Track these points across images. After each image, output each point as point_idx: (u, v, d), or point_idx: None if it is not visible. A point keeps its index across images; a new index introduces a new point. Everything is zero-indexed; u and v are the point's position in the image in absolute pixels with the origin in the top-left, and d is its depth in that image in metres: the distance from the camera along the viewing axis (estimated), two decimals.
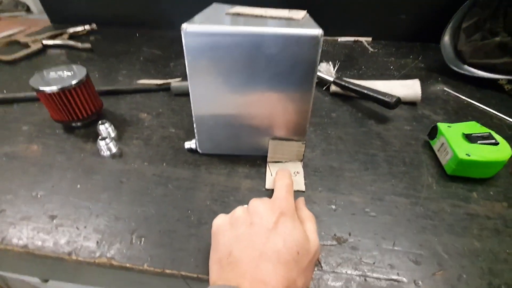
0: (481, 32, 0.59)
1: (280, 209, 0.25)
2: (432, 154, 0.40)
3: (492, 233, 0.31)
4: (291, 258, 0.22)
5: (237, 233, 0.24)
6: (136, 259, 0.28)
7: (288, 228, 0.24)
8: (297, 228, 0.24)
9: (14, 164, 0.38)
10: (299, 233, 0.24)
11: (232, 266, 0.22)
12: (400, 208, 0.33)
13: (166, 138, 0.43)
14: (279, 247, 0.22)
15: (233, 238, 0.24)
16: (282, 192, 0.28)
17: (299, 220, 0.26)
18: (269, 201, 0.27)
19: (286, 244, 0.22)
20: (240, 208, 0.27)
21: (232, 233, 0.24)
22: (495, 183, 0.36)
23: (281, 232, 0.23)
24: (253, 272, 0.21)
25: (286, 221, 0.24)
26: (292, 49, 0.30)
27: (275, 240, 0.23)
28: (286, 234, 0.23)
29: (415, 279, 0.26)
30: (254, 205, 0.26)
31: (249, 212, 0.26)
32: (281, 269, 0.21)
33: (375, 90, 0.48)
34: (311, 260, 0.24)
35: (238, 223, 0.25)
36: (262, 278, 0.20)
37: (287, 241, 0.23)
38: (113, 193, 0.34)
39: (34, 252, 0.28)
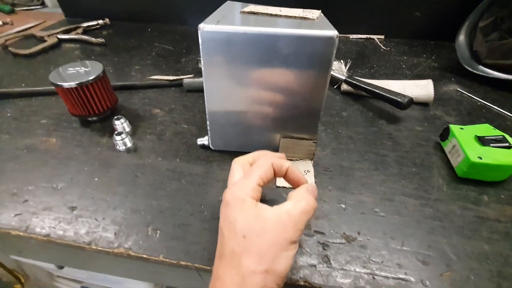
0: (498, 32, 0.58)
1: (224, 201, 0.24)
2: (443, 156, 0.40)
3: (503, 236, 0.31)
4: (236, 244, 0.22)
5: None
6: (152, 250, 0.29)
7: (228, 216, 0.23)
8: (240, 214, 0.23)
9: (34, 156, 0.40)
10: (242, 217, 0.22)
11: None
12: (410, 209, 0.33)
13: (179, 134, 0.44)
14: (223, 239, 0.23)
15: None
16: (234, 176, 0.27)
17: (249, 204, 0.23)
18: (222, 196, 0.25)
19: (230, 233, 0.22)
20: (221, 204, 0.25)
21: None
22: (507, 187, 0.36)
23: (222, 224, 0.24)
24: (213, 271, 0.23)
25: (226, 211, 0.24)
26: (307, 50, 0.30)
27: (220, 234, 0.24)
28: (227, 224, 0.23)
29: (422, 279, 0.27)
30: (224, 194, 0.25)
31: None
32: (227, 260, 0.22)
33: (387, 90, 0.48)
34: (273, 240, 0.22)
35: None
36: (215, 273, 0.23)
37: (230, 230, 0.22)
38: (129, 186, 0.35)
39: (56, 241, 0.30)
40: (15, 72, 0.60)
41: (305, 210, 0.23)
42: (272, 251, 0.21)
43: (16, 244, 0.35)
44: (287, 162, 0.27)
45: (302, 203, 0.23)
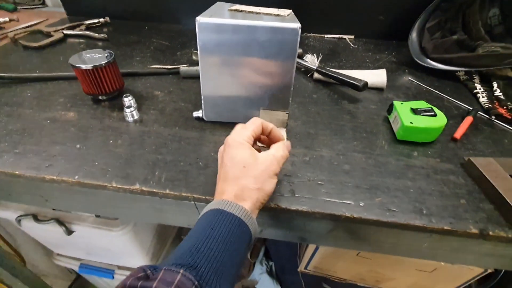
0: (441, 31, 0.70)
1: (227, 143, 0.33)
2: (388, 126, 0.51)
3: (423, 177, 0.41)
4: (238, 171, 0.31)
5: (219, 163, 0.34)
6: (160, 187, 0.38)
7: (231, 154, 0.32)
8: (240, 152, 0.32)
9: (57, 125, 0.48)
10: (241, 154, 0.32)
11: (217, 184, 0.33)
12: (357, 160, 0.43)
13: (177, 109, 0.53)
14: (226, 169, 0.32)
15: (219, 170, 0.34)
16: (236, 128, 0.35)
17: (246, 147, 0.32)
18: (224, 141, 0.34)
19: (233, 165, 0.31)
20: (221, 148, 0.35)
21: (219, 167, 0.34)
22: (434, 146, 0.47)
23: (226, 159, 0.32)
24: (219, 188, 0.32)
25: (229, 150, 0.32)
26: (278, 38, 0.40)
27: (223, 165, 0.32)
28: (230, 159, 0.32)
29: (359, 202, 0.37)
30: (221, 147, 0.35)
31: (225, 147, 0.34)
32: (230, 182, 0.31)
33: (348, 76, 0.58)
34: (264, 169, 0.31)
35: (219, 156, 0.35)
36: (220, 190, 0.31)
37: (231, 163, 0.32)
38: (138, 146, 0.44)
39: (84, 182, 0.38)
40: (28, 62, 0.68)
41: (283, 155, 0.34)
42: (264, 176, 0.31)
43: (45, 191, 0.42)
44: (271, 124, 0.37)
45: (280, 151, 0.34)
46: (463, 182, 0.41)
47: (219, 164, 0.34)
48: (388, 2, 0.82)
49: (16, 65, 0.66)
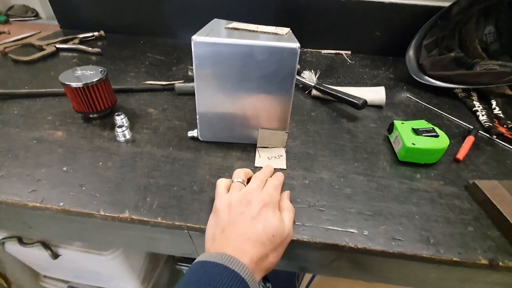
0: (438, 49, 0.70)
1: (264, 201, 0.32)
2: (389, 146, 0.50)
3: (428, 202, 0.40)
4: (267, 239, 0.30)
5: (231, 217, 0.31)
6: (152, 215, 0.35)
7: (268, 216, 0.31)
8: (276, 216, 0.31)
9: (44, 146, 0.46)
10: (276, 220, 0.31)
11: (222, 240, 0.30)
12: (359, 183, 0.42)
13: (172, 128, 0.51)
14: (259, 230, 0.30)
15: (227, 220, 0.31)
16: (270, 188, 0.35)
17: (281, 209, 0.33)
18: (258, 192, 0.33)
19: (265, 229, 0.30)
20: (236, 194, 0.33)
21: (228, 217, 0.31)
22: (437, 167, 0.46)
23: (262, 219, 0.31)
24: (237, 246, 0.29)
25: (268, 210, 0.32)
26: (276, 57, 0.39)
27: (257, 225, 0.30)
28: (265, 220, 0.31)
29: (363, 230, 0.35)
30: (249, 192, 0.33)
31: (244, 198, 0.33)
32: (257, 246, 0.29)
33: (347, 94, 0.57)
34: (283, 241, 0.31)
35: (233, 209, 0.32)
36: (243, 249, 0.29)
37: (265, 226, 0.30)
38: (130, 168, 0.42)
39: (69, 209, 0.36)
40: (17, 77, 0.66)
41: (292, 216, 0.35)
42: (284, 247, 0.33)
43: (28, 218, 0.40)
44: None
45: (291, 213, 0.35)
46: (468, 207, 0.39)
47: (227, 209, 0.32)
48: (385, 18, 0.82)
49: (5, 80, 0.64)
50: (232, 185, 0.35)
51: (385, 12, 0.81)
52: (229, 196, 0.33)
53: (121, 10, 0.92)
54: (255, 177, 0.36)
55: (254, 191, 0.33)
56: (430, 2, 0.79)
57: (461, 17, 0.67)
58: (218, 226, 0.31)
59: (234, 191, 0.34)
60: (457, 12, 0.66)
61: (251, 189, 0.34)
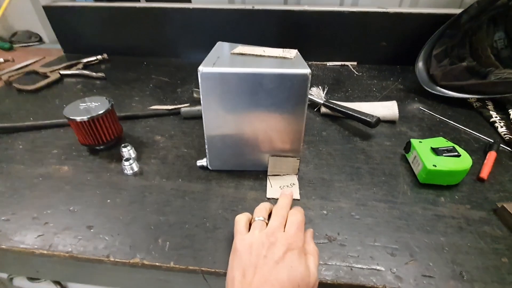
0: (449, 58, 0.68)
1: (289, 245, 0.29)
2: (407, 166, 0.48)
3: (456, 230, 0.37)
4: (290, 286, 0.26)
5: (252, 260, 0.28)
6: (164, 259, 0.34)
7: (294, 262, 0.28)
8: (301, 263, 0.28)
9: (50, 183, 0.44)
10: (302, 267, 0.28)
11: (242, 285, 0.27)
12: (380, 211, 0.39)
13: (180, 157, 0.50)
14: (283, 279, 0.27)
15: (248, 263, 0.28)
16: (293, 228, 0.31)
17: (305, 253, 0.30)
18: (281, 233, 0.30)
19: (290, 277, 0.27)
20: (258, 234, 0.30)
21: (249, 259, 0.28)
22: (460, 189, 0.43)
23: (286, 265, 0.27)
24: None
25: (293, 255, 0.28)
26: (287, 85, 0.38)
27: (281, 271, 0.27)
28: (291, 268, 0.27)
29: (391, 268, 0.32)
30: (269, 234, 0.30)
31: (266, 240, 0.30)
32: None
33: (359, 111, 0.55)
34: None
35: (256, 250, 0.29)
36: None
37: (290, 274, 0.27)
38: (139, 205, 0.40)
39: (77, 256, 0.34)
40: (21, 107, 0.65)
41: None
42: None
43: (36, 263, 0.38)
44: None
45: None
46: (500, 234, 0.37)
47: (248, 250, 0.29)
48: (390, 27, 0.81)
49: (9, 111, 0.63)
50: (254, 224, 0.32)
51: (390, 22, 0.80)
52: (251, 236, 0.31)
53: (123, 32, 0.92)
54: (275, 214, 0.33)
55: (277, 231, 0.30)
56: (435, 11, 0.78)
57: (470, 26, 0.65)
58: (239, 269, 0.29)
59: (256, 230, 0.31)
60: (467, 21, 0.64)
61: (274, 228, 0.31)
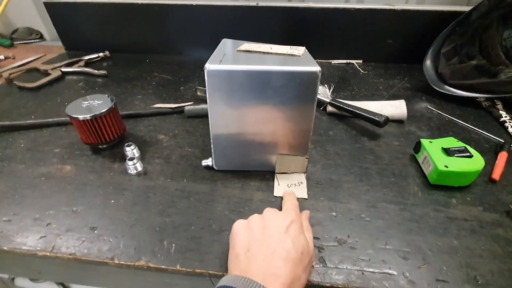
0: (459, 57, 0.67)
1: (291, 218, 0.31)
2: (417, 166, 0.46)
3: (469, 232, 0.36)
4: (297, 257, 0.27)
5: (254, 234, 0.29)
6: (170, 262, 0.33)
7: (297, 232, 0.29)
8: (303, 234, 0.30)
9: (52, 183, 0.43)
10: (303, 237, 0.29)
11: (248, 260, 0.27)
12: (391, 213, 0.38)
13: (184, 156, 0.49)
14: (289, 247, 0.27)
15: (250, 237, 0.29)
16: (291, 206, 0.34)
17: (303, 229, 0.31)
18: (280, 212, 0.32)
19: (294, 245, 0.28)
20: (256, 215, 0.32)
21: (250, 234, 0.29)
22: (472, 190, 0.42)
23: (291, 234, 0.29)
24: (267, 267, 0.26)
25: (296, 227, 0.30)
26: (295, 82, 0.36)
27: (286, 240, 0.28)
28: (295, 237, 0.29)
29: (403, 272, 0.31)
30: (269, 213, 0.32)
31: (264, 218, 0.31)
32: (289, 265, 0.26)
33: (367, 111, 0.54)
34: (310, 260, 0.29)
35: (255, 227, 0.30)
36: (274, 272, 0.26)
37: (295, 242, 0.28)
38: (143, 206, 0.39)
39: (81, 258, 0.33)
40: (23, 105, 0.64)
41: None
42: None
43: (38, 265, 0.37)
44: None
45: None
46: None
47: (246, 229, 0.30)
48: (397, 25, 0.79)
49: (10, 109, 0.62)
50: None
51: (397, 19, 0.78)
52: (247, 220, 0.32)
53: (125, 29, 0.90)
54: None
55: (275, 212, 0.32)
56: (442, 8, 0.76)
57: (480, 23, 0.64)
58: (241, 246, 0.29)
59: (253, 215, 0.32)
60: (477, 18, 0.63)
61: (271, 210, 0.33)
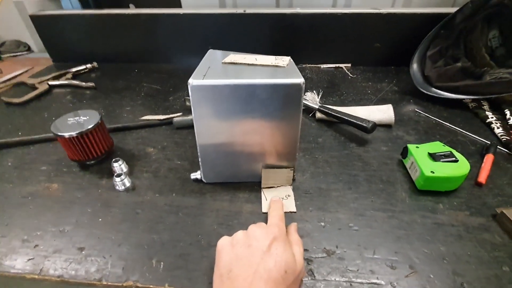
0: (444, 59, 0.68)
1: (274, 234, 0.30)
2: (405, 171, 0.47)
3: (456, 238, 0.37)
4: (280, 276, 0.27)
5: (237, 253, 0.29)
6: (158, 281, 0.32)
7: (279, 250, 0.28)
8: (287, 250, 0.29)
9: (39, 203, 0.43)
10: (288, 255, 0.28)
11: (231, 281, 0.27)
12: (379, 221, 0.39)
13: (173, 169, 0.49)
14: (271, 267, 0.27)
15: (233, 257, 0.29)
16: (275, 220, 0.33)
17: (289, 243, 0.31)
18: (264, 226, 0.32)
19: (277, 264, 0.27)
20: (240, 232, 0.32)
21: (233, 253, 0.29)
22: (459, 195, 0.43)
23: (273, 254, 0.28)
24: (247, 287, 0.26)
25: (278, 244, 0.29)
26: (280, 94, 0.37)
27: (268, 260, 0.27)
28: (277, 256, 0.28)
29: (391, 281, 0.32)
30: (252, 230, 0.31)
31: (248, 235, 0.31)
32: (270, 286, 0.26)
33: (355, 117, 0.55)
34: (296, 278, 0.28)
35: (238, 245, 0.30)
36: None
37: (277, 261, 0.27)
38: (131, 223, 0.39)
39: (69, 281, 0.33)
40: (10, 121, 0.63)
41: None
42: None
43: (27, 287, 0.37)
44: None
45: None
46: (500, 241, 0.36)
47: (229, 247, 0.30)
48: (383, 28, 0.80)
49: None
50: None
51: (384, 23, 0.79)
52: (232, 236, 0.31)
53: (112, 39, 0.90)
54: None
55: (259, 227, 0.32)
56: (428, 10, 0.77)
57: (465, 25, 0.65)
58: (225, 266, 0.28)
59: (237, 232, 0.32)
60: (461, 21, 0.64)
61: (254, 226, 0.32)
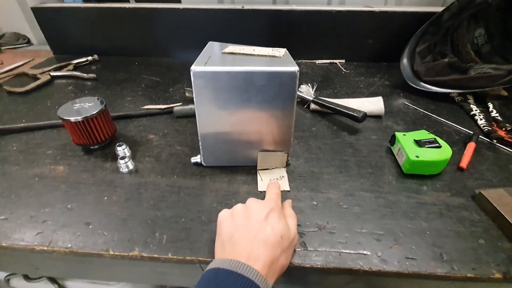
0: (432, 55, 0.71)
1: (270, 206, 0.33)
2: (393, 158, 0.50)
3: (437, 216, 0.40)
4: (276, 241, 0.30)
5: (237, 223, 0.32)
6: (162, 251, 0.35)
7: (275, 219, 0.32)
8: (282, 220, 0.32)
9: (45, 183, 0.45)
10: (283, 223, 0.32)
11: (232, 246, 0.30)
12: (367, 201, 0.42)
13: (174, 154, 0.51)
14: (268, 232, 0.30)
15: (233, 226, 0.32)
16: (272, 195, 0.36)
17: (284, 216, 0.34)
18: (262, 201, 0.35)
19: (273, 231, 0.30)
20: (239, 205, 0.35)
21: (233, 223, 0.32)
22: (442, 178, 0.46)
23: (270, 222, 0.31)
24: (249, 250, 0.29)
25: (274, 215, 0.32)
26: (276, 82, 0.39)
27: (265, 227, 0.31)
28: (274, 224, 0.31)
29: (376, 252, 0.35)
30: (251, 203, 0.34)
31: (247, 207, 0.34)
32: (269, 248, 0.29)
33: (346, 107, 0.58)
34: (290, 243, 0.32)
35: (238, 216, 0.33)
36: (256, 254, 0.29)
37: (274, 228, 0.31)
38: (135, 202, 0.42)
39: (77, 251, 0.35)
40: (13, 109, 0.65)
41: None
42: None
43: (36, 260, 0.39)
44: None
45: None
46: (477, 218, 0.39)
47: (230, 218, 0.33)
48: (376, 26, 0.83)
49: (1, 113, 0.63)
50: None
51: (376, 20, 0.82)
52: (231, 209, 0.34)
53: (113, 32, 0.92)
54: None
55: (256, 201, 0.35)
56: (418, 9, 0.81)
57: (452, 23, 0.68)
58: (226, 234, 0.31)
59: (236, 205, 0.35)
60: (448, 18, 0.67)
61: (253, 199, 0.35)
